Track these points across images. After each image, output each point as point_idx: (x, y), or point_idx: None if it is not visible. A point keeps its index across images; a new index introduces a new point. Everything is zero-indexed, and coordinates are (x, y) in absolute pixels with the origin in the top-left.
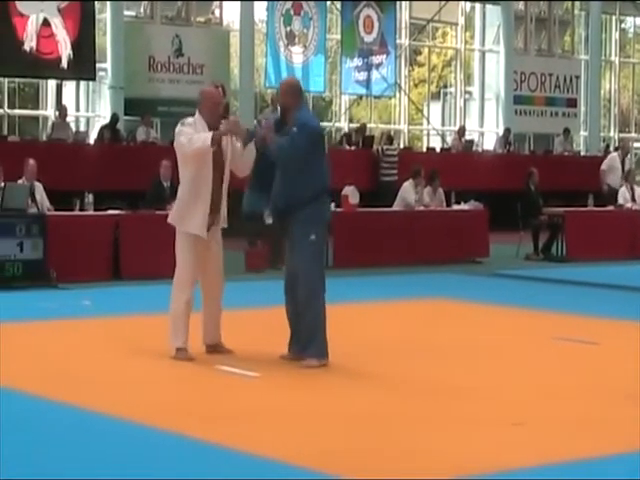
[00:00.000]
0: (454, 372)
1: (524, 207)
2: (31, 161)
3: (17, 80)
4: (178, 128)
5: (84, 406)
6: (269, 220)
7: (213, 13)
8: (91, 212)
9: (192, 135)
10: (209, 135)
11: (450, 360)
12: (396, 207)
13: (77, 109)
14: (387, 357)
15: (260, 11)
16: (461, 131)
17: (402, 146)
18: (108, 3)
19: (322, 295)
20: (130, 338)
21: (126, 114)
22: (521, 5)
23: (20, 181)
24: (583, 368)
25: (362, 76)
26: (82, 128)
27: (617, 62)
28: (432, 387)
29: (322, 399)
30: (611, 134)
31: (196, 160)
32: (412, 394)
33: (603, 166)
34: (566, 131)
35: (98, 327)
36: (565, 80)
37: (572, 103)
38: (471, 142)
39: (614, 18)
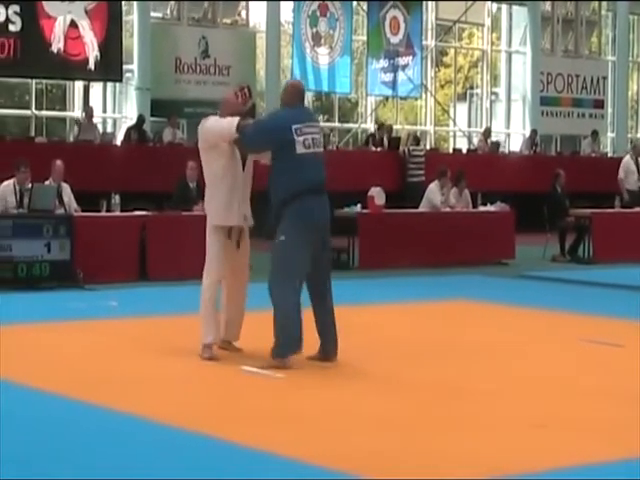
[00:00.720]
0: (478, 374)
1: (551, 209)
2: (58, 162)
3: (44, 81)
4: (201, 123)
5: (110, 406)
6: None
7: (239, 14)
8: (118, 213)
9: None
10: (235, 121)
11: (474, 362)
12: (422, 208)
13: (104, 110)
14: (412, 359)
15: (286, 12)
16: (487, 132)
17: (428, 147)
18: (135, 5)
19: (288, 296)
20: (156, 339)
21: (152, 115)
22: (548, 6)
23: (47, 182)
24: (608, 370)
25: (388, 77)
26: (109, 129)
27: None
28: (455, 389)
29: (346, 400)
30: (639, 135)
31: (224, 152)
32: (435, 396)
33: (620, 174)
34: (594, 133)
35: (124, 328)
36: (592, 81)
37: (599, 104)
38: (497, 143)
39: None
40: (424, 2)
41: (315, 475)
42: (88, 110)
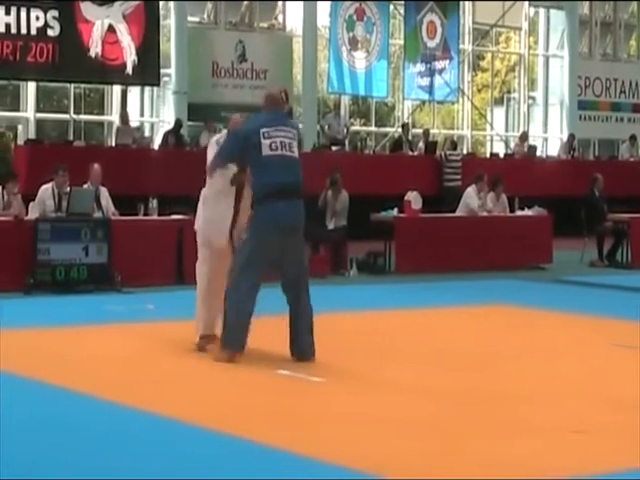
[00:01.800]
0: (516, 379)
1: (588, 213)
2: (96, 166)
3: (83, 86)
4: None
5: (148, 409)
6: (331, 225)
7: (276, 19)
8: (155, 217)
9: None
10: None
11: (512, 367)
12: (459, 213)
13: (141, 114)
14: (450, 364)
15: (323, 17)
16: (523, 137)
17: (465, 152)
18: (172, 9)
19: (237, 292)
20: (192, 342)
21: (189, 119)
22: (586, 9)
23: (85, 186)
24: None
25: (425, 81)
26: (146, 133)
27: None
28: (492, 393)
29: (384, 405)
30: None
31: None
32: (473, 400)
33: None
34: (632, 137)
35: (161, 331)
36: (631, 85)
37: (638, 108)
38: (534, 148)
39: None
40: (461, 5)
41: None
42: (123, 115)
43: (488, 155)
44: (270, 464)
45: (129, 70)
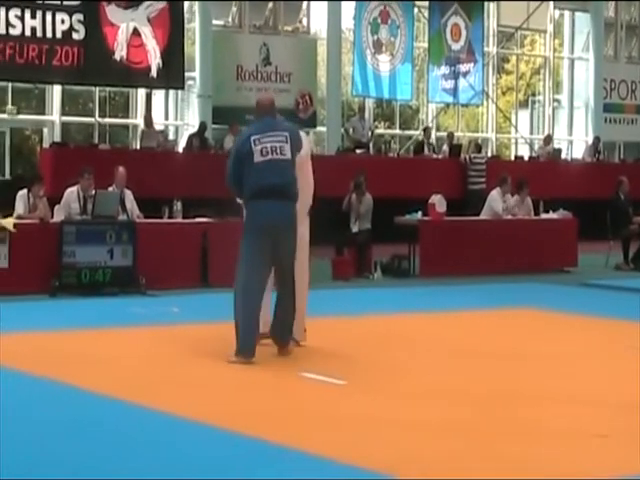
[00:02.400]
0: (537, 381)
1: (613, 216)
2: (121, 169)
3: (108, 89)
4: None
5: (169, 410)
6: (355, 228)
7: (300, 22)
8: (179, 220)
9: None
10: None
11: (538, 369)
12: (484, 216)
13: (166, 118)
14: (471, 366)
15: (347, 20)
16: (547, 139)
17: (490, 155)
18: (197, 13)
19: (242, 295)
20: (217, 345)
21: (214, 122)
22: (611, 12)
23: (110, 189)
24: None
25: (449, 84)
26: (171, 136)
27: None
28: (515, 396)
29: (408, 407)
30: None
31: None
32: (495, 403)
33: None
34: None
35: (185, 334)
36: None
37: None
38: (559, 151)
39: None
40: (486, 7)
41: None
42: (147, 118)
43: (513, 158)
44: (287, 465)
45: (154, 73)
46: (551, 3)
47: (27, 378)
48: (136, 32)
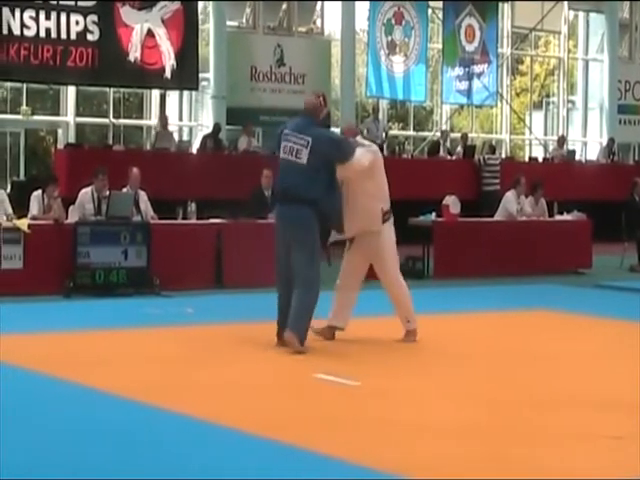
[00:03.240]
0: (552, 383)
1: (628, 218)
2: (135, 170)
3: (122, 90)
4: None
5: (184, 412)
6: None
7: (314, 23)
8: (194, 221)
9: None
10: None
11: (549, 371)
12: (498, 217)
13: (180, 119)
14: (487, 368)
15: (361, 21)
16: (561, 140)
17: (504, 156)
18: (211, 14)
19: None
20: (231, 346)
21: (228, 123)
22: (626, 13)
23: (124, 189)
24: None
25: (463, 85)
26: (185, 137)
27: None
28: (529, 398)
29: (422, 409)
30: None
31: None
32: (508, 406)
33: None
34: None
35: (200, 335)
36: None
37: None
38: (573, 152)
39: None
40: (500, 8)
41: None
42: (163, 119)
43: (527, 159)
44: (298, 465)
45: (168, 74)
46: (565, 4)
47: (41, 378)
48: (150, 33)
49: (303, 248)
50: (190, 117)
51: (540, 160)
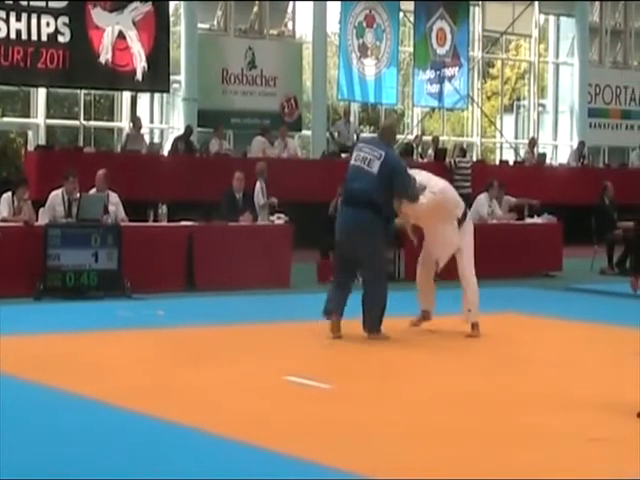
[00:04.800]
0: (529, 387)
1: (598, 221)
2: (100, 171)
3: (93, 92)
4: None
5: (155, 414)
6: None
7: (286, 25)
8: (165, 223)
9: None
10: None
11: (525, 375)
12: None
13: (151, 121)
14: (458, 371)
15: (333, 23)
16: (532, 143)
17: (475, 159)
18: (182, 16)
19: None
20: (203, 349)
21: (199, 126)
22: (596, 17)
23: (92, 192)
24: None
25: (434, 88)
26: (156, 140)
27: None
28: (509, 402)
29: (394, 412)
30: None
31: None
32: (484, 408)
33: None
34: None
35: (171, 337)
36: None
37: None
38: (544, 155)
39: None
40: (471, 12)
41: None
42: (136, 121)
43: (497, 162)
44: (269, 467)
45: (139, 76)
46: (536, 8)
47: (11, 381)
48: (121, 35)
49: (368, 247)
50: (161, 119)
51: (511, 163)
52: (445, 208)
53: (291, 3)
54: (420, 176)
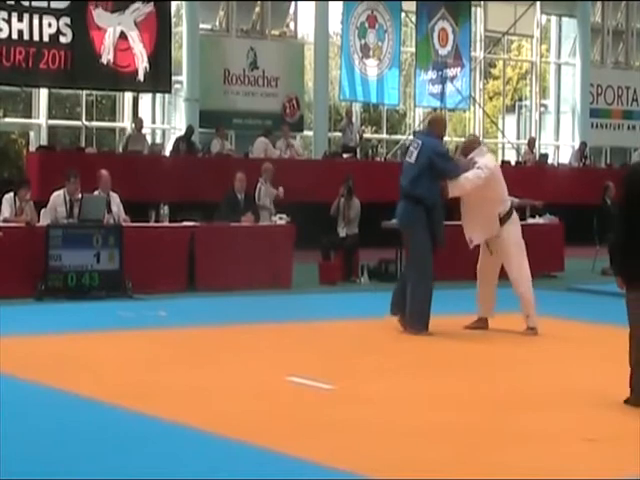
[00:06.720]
0: (528, 386)
1: (600, 221)
2: (104, 172)
3: (95, 93)
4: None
5: (157, 415)
6: (342, 233)
7: (288, 26)
8: (166, 224)
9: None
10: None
11: (524, 374)
12: None
13: (153, 121)
14: (457, 372)
15: (335, 24)
16: (531, 143)
17: None
18: (184, 17)
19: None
20: (204, 349)
21: (201, 126)
22: (598, 17)
23: (96, 192)
24: None
25: (436, 89)
26: (158, 140)
27: None
28: (505, 400)
29: (396, 412)
30: None
31: None
32: (484, 408)
33: None
34: None
35: (173, 338)
36: None
37: None
38: (545, 155)
39: None
40: (473, 12)
41: None
42: (137, 121)
43: (500, 163)
44: (270, 467)
45: (141, 77)
46: (538, 8)
47: (11, 381)
48: (123, 36)
49: (409, 243)
50: (163, 120)
51: (513, 163)
52: (489, 186)
53: (293, 3)
54: (482, 158)
